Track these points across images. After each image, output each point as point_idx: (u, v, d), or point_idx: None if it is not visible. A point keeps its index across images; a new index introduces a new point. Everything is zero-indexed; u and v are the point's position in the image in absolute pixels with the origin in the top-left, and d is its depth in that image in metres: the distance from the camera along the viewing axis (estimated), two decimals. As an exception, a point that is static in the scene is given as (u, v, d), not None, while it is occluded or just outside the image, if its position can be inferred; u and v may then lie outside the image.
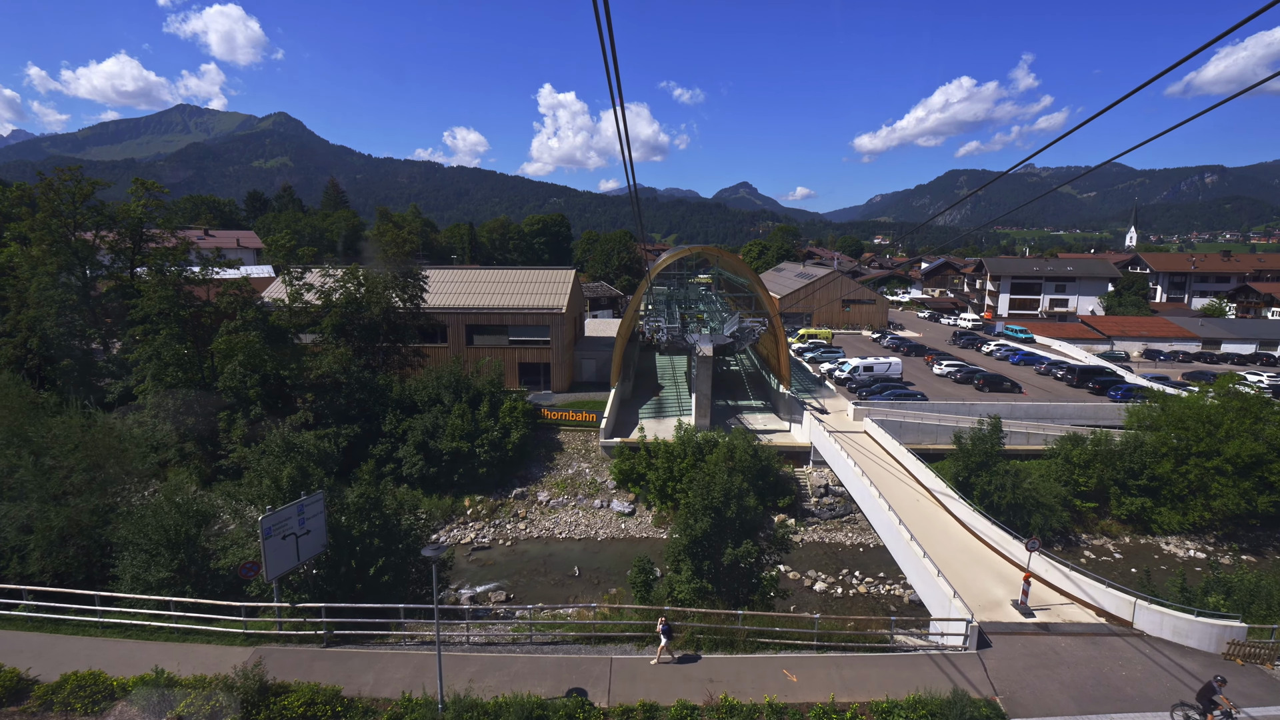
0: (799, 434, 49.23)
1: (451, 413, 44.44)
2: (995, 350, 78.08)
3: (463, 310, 56.35)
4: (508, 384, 56.42)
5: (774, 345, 57.59)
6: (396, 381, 46.54)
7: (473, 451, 43.45)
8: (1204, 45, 5.81)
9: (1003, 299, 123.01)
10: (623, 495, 43.89)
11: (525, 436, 45.44)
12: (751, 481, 40.84)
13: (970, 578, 26.51)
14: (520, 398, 47.58)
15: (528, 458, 46.04)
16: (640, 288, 54.78)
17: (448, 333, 56.57)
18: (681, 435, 43.54)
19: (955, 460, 41.75)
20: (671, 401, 59.44)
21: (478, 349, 56.68)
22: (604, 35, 6.09)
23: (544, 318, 56.13)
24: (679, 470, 42.01)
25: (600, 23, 5.84)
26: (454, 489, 44.21)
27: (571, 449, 47.01)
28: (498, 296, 58.24)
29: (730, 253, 53.48)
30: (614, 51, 6.46)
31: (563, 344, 56.53)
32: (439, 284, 60.87)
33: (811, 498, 43.67)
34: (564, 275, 62.36)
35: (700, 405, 50.12)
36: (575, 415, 48.40)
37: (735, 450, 41.98)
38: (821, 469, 45.30)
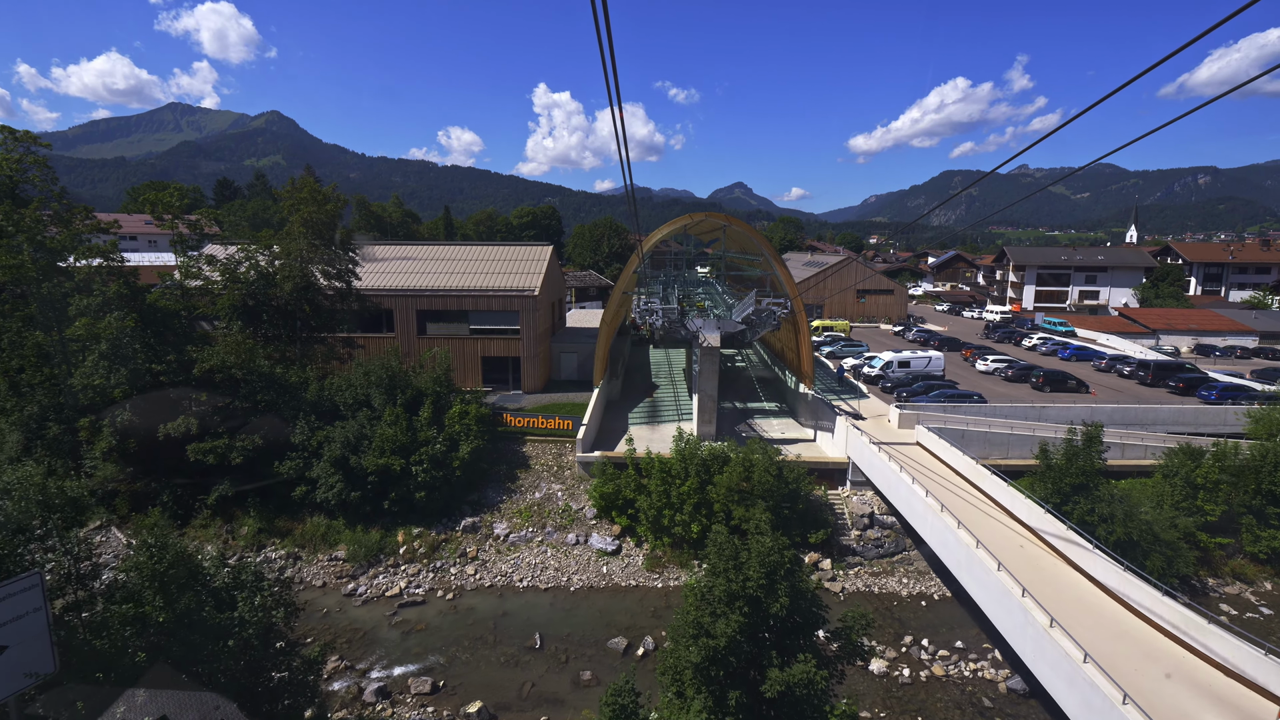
0: (828, 445, 39.06)
1: (382, 419, 34.10)
2: (1040, 344, 68.08)
3: (413, 292, 46.02)
4: (468, 383, 46.14)
5: (792, 336, 47.45)
6: (314, 379, 36.13)
7: (408, 470, 33.11)
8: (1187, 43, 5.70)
9: (1027, 290, 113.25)
10: (605, 527, 33.60)
11: (480, 450, 35.09)
12: (775, 510, 30.61)
13: (1150, 689, 16.34)
14: (476, 400, 37.25)
15: (483, 477, 35.70)
16: (630, 264, 44.53)
17: (394, 320, 46.24)
18: (682, 448, 33.30)
19: (1041, 481, 31.57)
20: (668, 404, 49.20)
21: (432, 340, 46.35)
22: (602, 37, 5.83)
23: (512, 301, 45.83)
24: (679, 495, 31.75)
25: (599, 25, 5.59)
26: (384, 519, 33.87)
27: (541, 465, 36.69)
28: (457, 277, 47.90)
29: (743, 221, 43.39)
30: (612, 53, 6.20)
31: (536, 334, 46.25)
32: (386, 263, 50.51)
33: (852, 530, 33.45)
34: (538, 252, 52.07)
35: (704, 409, 39.93)
36: (546, 422, 38.09)
37: (753, 468, 31.74)
38: (862, 491, 35.11)
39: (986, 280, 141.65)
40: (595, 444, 38.23)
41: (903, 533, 33.28)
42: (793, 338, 47.78)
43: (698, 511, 31.76)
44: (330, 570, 31.97)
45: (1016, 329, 77.89)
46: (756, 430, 44.18)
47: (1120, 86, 6.42)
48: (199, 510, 34.24)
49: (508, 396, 45.67)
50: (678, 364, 64.05)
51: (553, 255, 53.60)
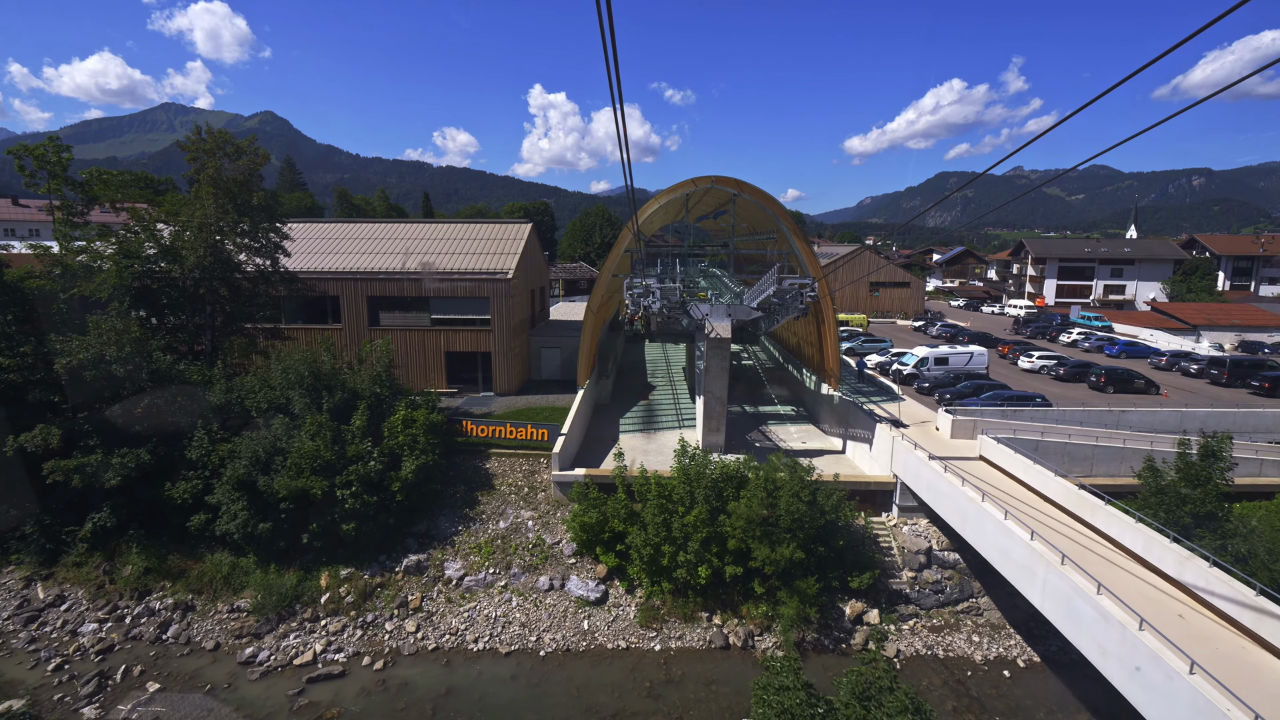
0: (864, 458, 31.81)
1: (302, 430, 26.70)
2: (1082, 340, 60.93)
3: (362, 275, 38.62)
4: (427, 382, 38.76)
5: (812, 328, 40.26)
6: (220, 378, 28.68)
7: (333, 495, 25.71)
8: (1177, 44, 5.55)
9: (1048, 285, 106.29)
10: (587, 568, 26.22)
11: (430, 468, 27.66)
12: (807, 547, 23.37)
13: None
14: (428, 403, 29.83)
15: (433, 502, 28.28)
16: (621, 240, 37.14)
17: (341, 308, 38.83)
18: (686, 465, 25.98)
19: (1149, 508, 24.27)
20: (666, 408, 41.92)
21: (385, 331, 38.97)
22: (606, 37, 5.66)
23: (481, 285, 38.46)
24: (682, 527, 24.39)
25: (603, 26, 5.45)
26: (305, 557, 26.46)
27: (508, 486, 29.27)
28: (417, 257, 40.52)
29: (757, 188, 36.09)
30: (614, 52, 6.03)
31: (510, 324, 38.90)
32: (333, 241, 43.11)
33: (903, 570, 26.12)
34: (515, 230, 44.68)
35: (711, 414, 32.69)
36: (516, 431, 30.66)
37: (778, 491, 24.43)
38: (913, 518, 27.83)
39: (1000, 275, 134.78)
40: (577, 459, 30.88)
41: (968, 574, 25.98)
42: (813, 330, 40.57)
43: (707, 548, 24.44)
44: (229, 626, 24.54)
45: (1048, 324, 70.77)
46: (772, 439, 36.91)
47: (1112, 87, 6.57)
48: (71, 545, 26.82)
49: (475, 399, 38.31)
50: (677, 361, 56.73)
51: (533, 235, 46.25)
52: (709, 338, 31.75)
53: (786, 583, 24.04)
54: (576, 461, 30.33)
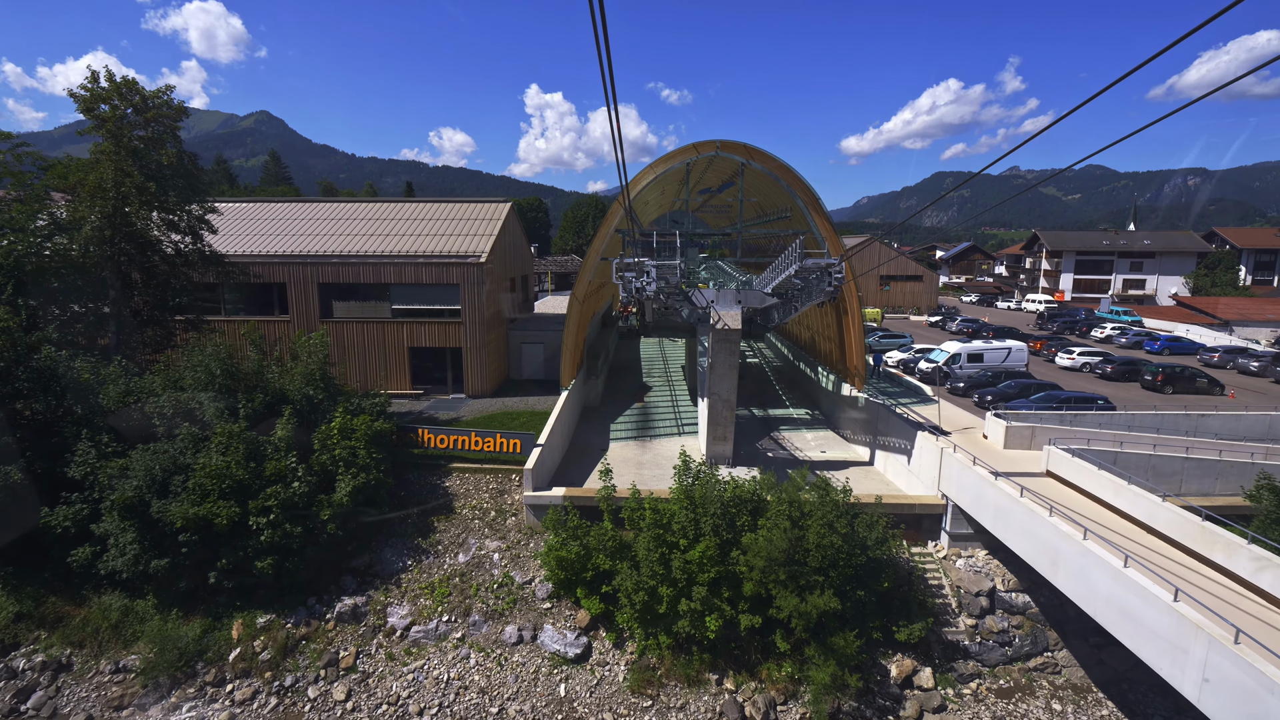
0: (899, 472, 26.73)
1: (210, 443, 21.45)
2: (1118, 335, 55.91)
3: (313, 259, 33.40)
4: (389, 382, 33.62)
5: (831, 319, 35.25)
6: (117, 378, 23.42)
7: (245, 524, 20.49)
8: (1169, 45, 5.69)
9: (1064, 279, 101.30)
10: (566, 615, 21.00)
11: (374, 487, 22.39)
12: (843, 589, 18.26)
13: None
14: (374, 408, 24.58)
15: (378, 531, 23.06)
16: (610, 217, 31.94)
17: (288, 297, 33.62)
18: (688, 485, 20.81)
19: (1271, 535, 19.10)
20: (664, 412, 36.80)
21: (340, 324, 33.77)
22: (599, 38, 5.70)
23: (450, 270, 33.27)
24: (684, 566, 19.19)
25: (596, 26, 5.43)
26: (213, 599, 21.25)
27: (470, 510, 24.02)
28: (377, 239, 35.32)
29: (770, 155, 30.96)
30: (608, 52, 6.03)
31: (484, 316, 33.72)
32: (282, 223, 37.90)
33: (960, 616, 20.96)
34: (491, 209, 39.44)
35: (716, 418, 27.62)
36: (482, 441, 25.37)
37: (806, 520, 19.27)
38: (968, 548, 22.69)
39: (1010, 271, 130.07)
40: (557, 475, 25.71)
41: (1041, 621, 20.83)
42: (831, 322, 35.52)
43: (716, 593, 19.28)
44: (108, 693, 19.33)
45: (1075, 319, 65.85)
46: (786, 448, 31.80)
47: (1107, 87, 6.52)
48: (-73, 585, 21.55)
49: (443, 402, 33.12)
50: (676, 359, 51.57)
51: (513, 216, 41.08)
52: (714, 329, 26.63)
53: (818, 637, 18.88)
54: (556, 478, 25.16)
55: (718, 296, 26.87)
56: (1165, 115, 7.19)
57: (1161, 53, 5.82)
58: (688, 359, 43.25)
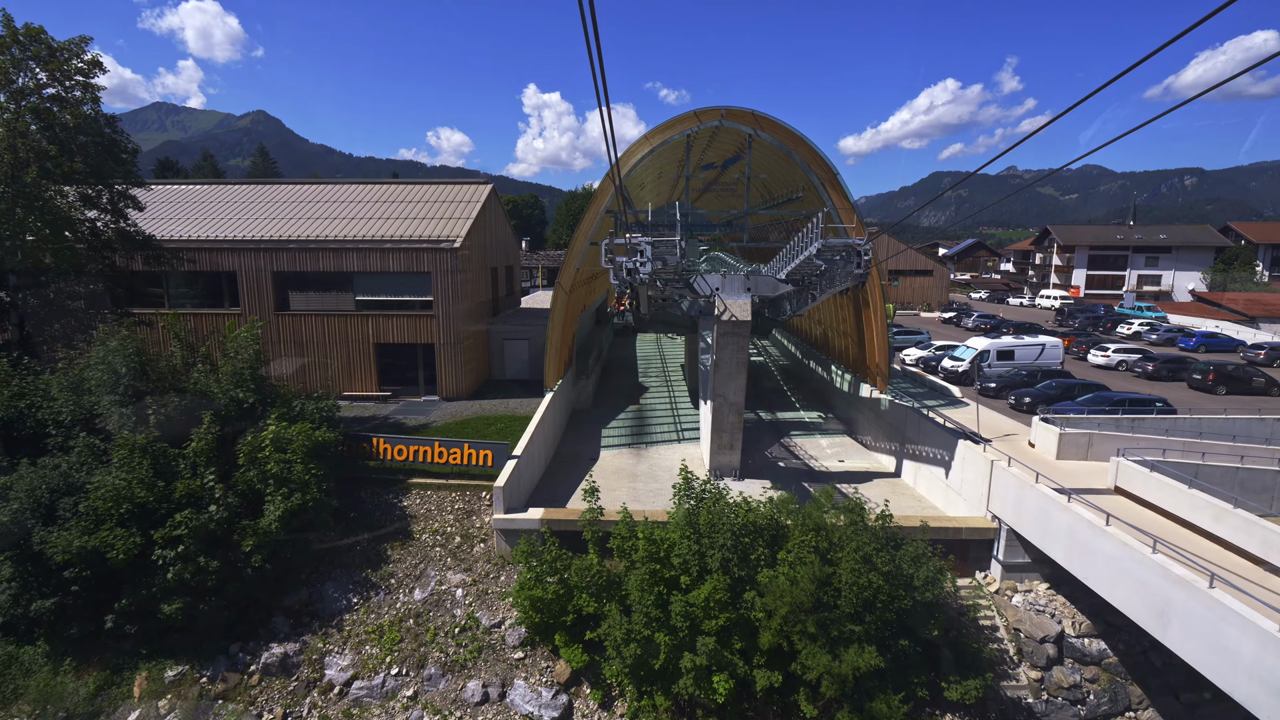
0: (933, 487, 23.09)
1: (112, 459, 17.70)
2: (1147, 332, 52.31)
3: (266, 245, 29.66)
4: (353, 383, 29.97)
5: (848, 312, 31.62)
6: (8, 377, 19.65)
7: (148, 558, 16.75)
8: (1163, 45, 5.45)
9: (1077, 274, 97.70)
10: (541, 667, 17.25)
11: (314, 510, 18.61)
12: (882, 637, 14.53)
13: None
14: (319, 412, 20.82)
15: (320, 562, 19.29)
16: (599, 195, 28.17)
17: (239, 287, 29.88)
18: (689, 510, 17.08)
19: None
20: (662, 416, 33.13)
21: (298, 317, 30.05)
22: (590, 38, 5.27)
23: (420, 257, 29.54)
24: (687, 610, 15.46)
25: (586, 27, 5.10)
26: (117, 646, 17.51)
27: (431, 535, 20.24)
28: (340, 223, 31.58)
29: (781, 124, 27.24)
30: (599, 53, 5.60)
31: (459, 309, 29.99)
32: (235, 207, 34.17)
33: (1023, 667, 17.24)
34: (469, 192, 35.64)
35: (722, 423, 23.96)
36: (448, 452, 21.56)
37: (836, 551, 15.59)
38: (1025, 580, 19.00)
39: (1018, 267, 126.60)
40: (537, 492, 21.99)
41: (1122, 674, 17.14)
42: (848, 316, 31.87)
43: (726, 643, 15.57)
44: (-27, 770, 15.59)
45: (1096, 315, 62.28)
46: (800, 457, 28.15)
47: (1103, 85, 6.44)
48: None
49: (413, 406, 29.40)
50: (675, 357, 47.87)
51: (494, 200, 37.34)
52: (720, 321, 22.93)
53: (853, 699, 15.17)
54: (536, 496, 21.43)
55: (723, 283, 23.16)
56: (1161, 114, 7.16)
57: (1157, 51, 5.66)
58: (688, 357, 39.59)
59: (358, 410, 28.38)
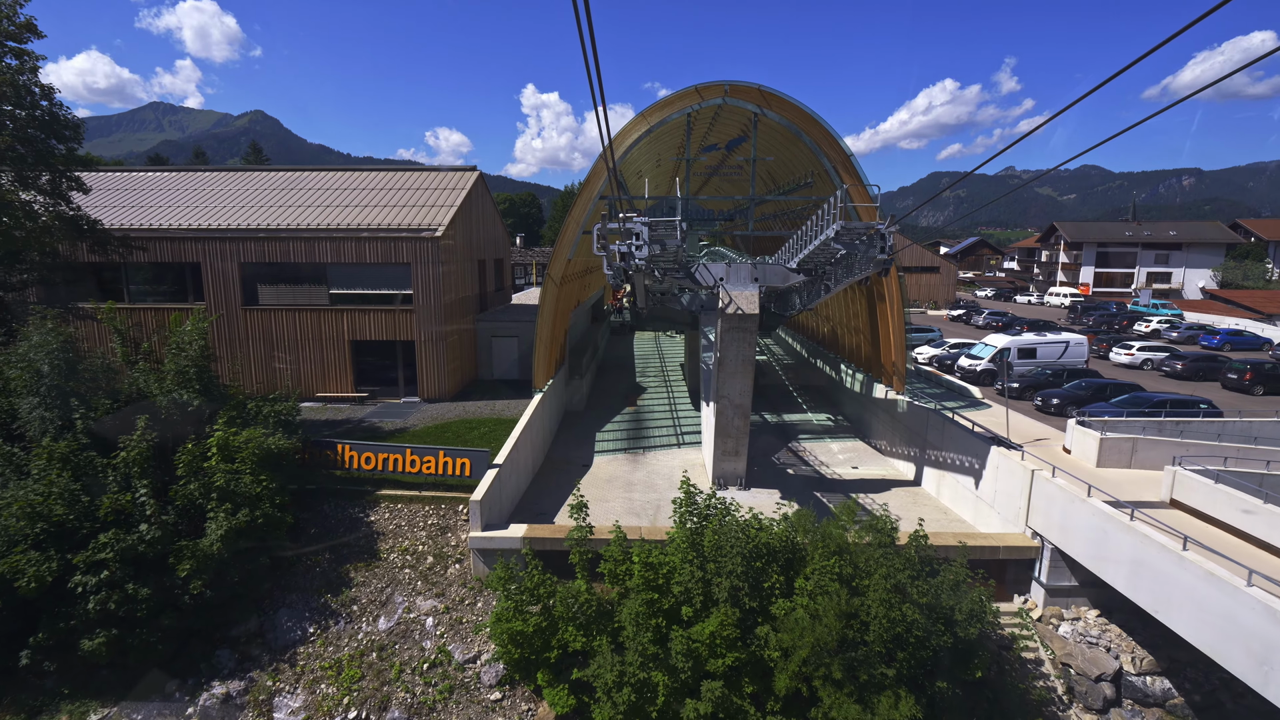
0: (959, 496, 20.92)
1: (30, 466, 15.45)
2: (1167, 329, 50.20)
3: (232, 234, 27.43)
4: (327, 383, 27.81)
5: (860, 306, 29.57)
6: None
7: (63, 585, 14.50)
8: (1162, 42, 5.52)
9: (1084, 272, 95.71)
10: (521, 709, 15.01)
11: (261, 528, 16.36)
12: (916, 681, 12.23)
13: None
14: (276, 416, 18.56)
15: (275, 584, 17.04)
16: (592, 179, 25.94)
17: (203, 279, 27.65)
18: (691, 530, 14.85)
19: None
20: (661, 419, 30.96)
21: (267, 312, 27.82)
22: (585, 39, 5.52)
23: (399, 247, 27.32)
24: (688, 647, 13.24)
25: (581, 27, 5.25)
26: (39, 684, 15.25)
27: (400, 555, 17.98)
28: (312, 212, 29.34)
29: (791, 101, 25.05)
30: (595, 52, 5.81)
31: (442, 303, 27.78)
32: (199, 194, 31.95)
33: (1074, 709, 15.02)
34: (454, 179, 33.39)
35: (727, 427, 21.80)
36: (421, 461, 19.30)
37: (863, 579, 13.37)
38: (1072, 605, 16.78)
39: (1022, 265, 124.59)
40: (522, 504, 19.77)
41: (1189, 716, 14.95)
42: (860, 311, 29.77)
43: (735, 685, 13.36)
44: None
45: (1111, 313, 60.20)
46: (810, 463, 25.99)
47: (1100, 84, 6.43)
48: None
49: (392, 408, 27.18)
50: (675, 356, 45.73)
51: (480, 187, 35.14)
52: (724, 315, 20.72)
53: (884, 754, 12.94)
54: (521, 510, 19.22)
55: (728, 273, 20.95)
56: (1156, 112, 7.10)
57: (1152, 51, 5.69)
58: (688, 356, 37.41)
59: (331, 413, 26.18)
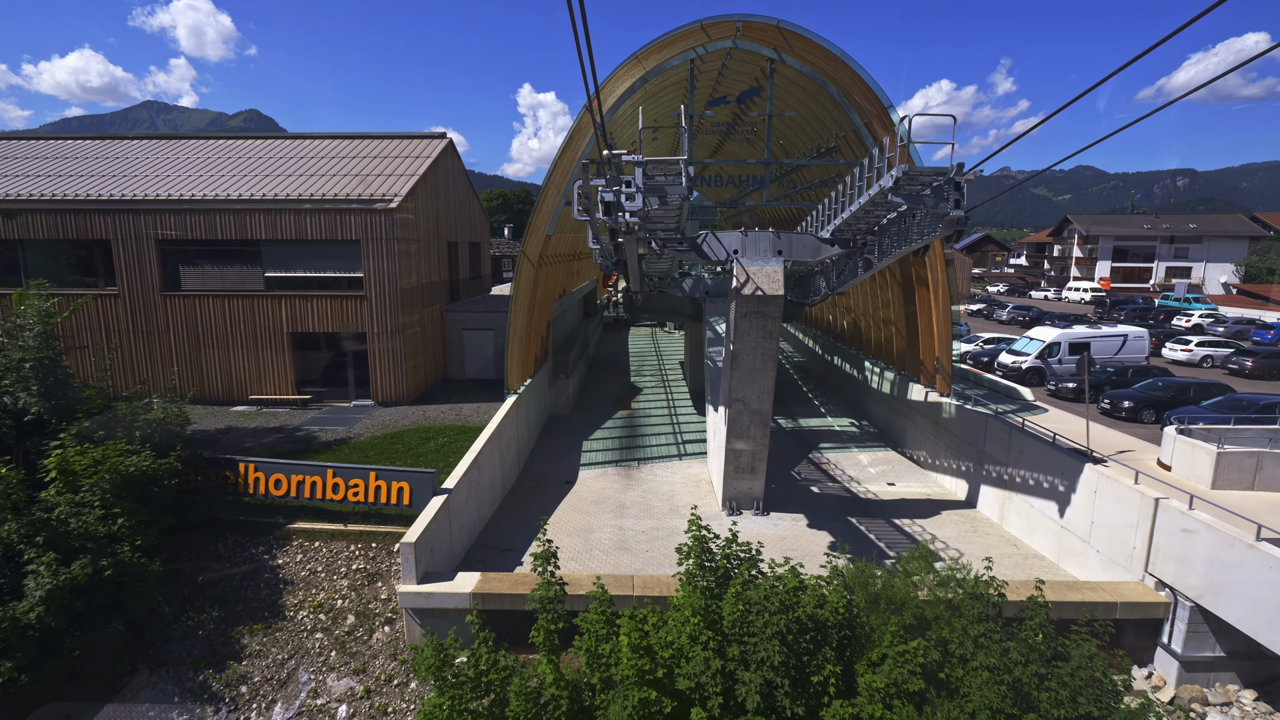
0: (1031, 523, 16.57)
1: None
2: (1212, 324, 46.06)
3: (148, 205, 22.96)
4: (265, 386, 23.43)
5: (891, 294, 25.33)
6: None
7: None
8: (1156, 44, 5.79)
9: (1100, 267, 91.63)
10: (464, 844, 10.63)
11: (110, 582, 11.95)
12: None
13: None
14: (150, 428, 14.13)
15: (138, 659, 12.62)
16: (575, 137, 21.49)
17: (115, 259, 23.18)
18: (710, 583, 10.40)
19: None
20: (659, 425, 26.60)
21: (190, 298, 23.35)
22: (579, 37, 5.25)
23: (346, 221, 22.87)
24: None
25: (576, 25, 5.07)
26: None
27: (308, 614, 13.54)
28: (248, 181, 24.87)
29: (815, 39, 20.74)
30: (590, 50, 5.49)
31: (398, 288, 23.33)
32: (116, 162, 27.50)
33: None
34: (417, 147, 28.86)
35: (742, 437, 17.44)
36: (347, 485, 14.87)
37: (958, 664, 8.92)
38: (1218, 683, 12.44)
39: (1031, 261, 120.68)
40: (481, 542, 15.35)
41: None
42: (893, 299, 25.60)
43: (770, 832, 8.95)
44: None
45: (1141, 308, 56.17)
46: (838, 479, 21.69)
47: (1094, 85, 6.56)
48: None
49: (340, 412, 22.76)
50: (674, 354, 41.36)
51: (450, 157, 30.73)
52: (741, 296, 16.33)
53: None
54: (478, 549, 14.82)
55: (744, 244, 16.56)
56: (1150, 112, 7.23)
57: (1147, 51, 5.76)
58: (689, 352, 33.06)
59: (263, 419, 21.75)
